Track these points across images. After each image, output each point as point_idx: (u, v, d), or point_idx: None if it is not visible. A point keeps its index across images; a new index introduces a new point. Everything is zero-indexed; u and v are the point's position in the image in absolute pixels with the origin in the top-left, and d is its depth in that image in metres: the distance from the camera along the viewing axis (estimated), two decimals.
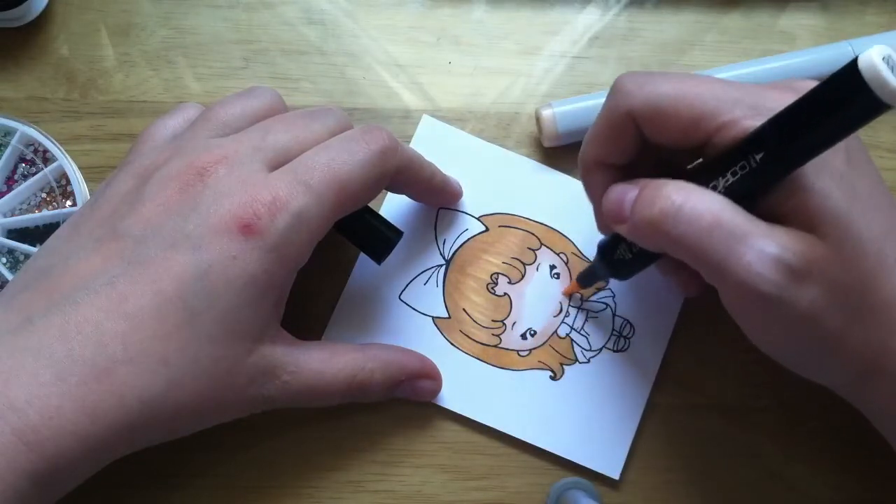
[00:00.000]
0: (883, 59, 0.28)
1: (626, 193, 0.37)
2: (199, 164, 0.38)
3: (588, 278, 0.45)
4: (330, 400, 0.41)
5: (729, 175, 0.34)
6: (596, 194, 0.40)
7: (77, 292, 0.35)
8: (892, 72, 0.28)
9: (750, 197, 0.35)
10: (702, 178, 0.36)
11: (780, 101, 0.34)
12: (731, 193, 0.35)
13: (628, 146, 0.38)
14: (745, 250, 0.33)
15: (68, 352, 0.34)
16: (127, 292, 0.35)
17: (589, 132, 0.40)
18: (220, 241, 0.36)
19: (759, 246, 0.33)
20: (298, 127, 0.40)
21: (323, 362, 0.41)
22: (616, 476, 0.45)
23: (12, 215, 0.46)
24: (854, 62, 0.28)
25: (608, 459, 0.45)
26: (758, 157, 0.33)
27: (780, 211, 0.35)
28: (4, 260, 0.45)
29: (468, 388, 0.45)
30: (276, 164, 0.39)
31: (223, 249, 0.36)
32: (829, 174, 0.34)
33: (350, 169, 0.39)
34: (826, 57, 0.48)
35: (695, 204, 0.34)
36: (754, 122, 0.34)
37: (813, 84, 0.37)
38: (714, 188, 0.35)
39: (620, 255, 0.41)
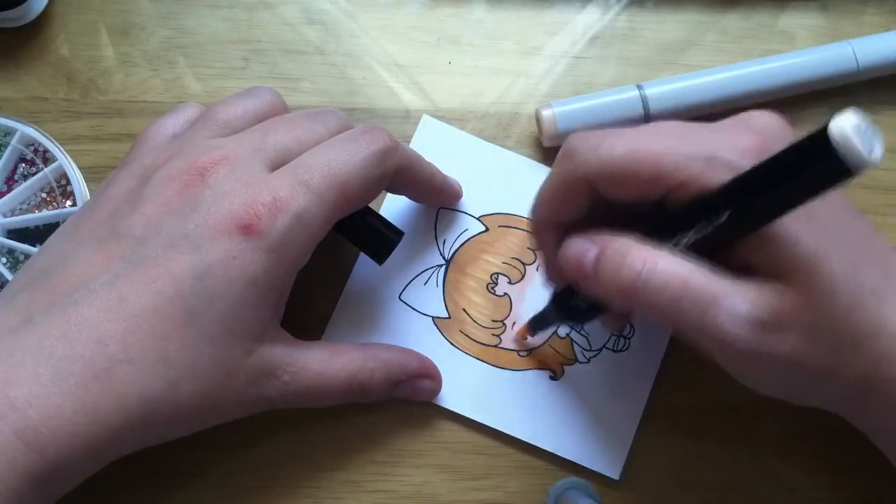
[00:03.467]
0: (853, 126, 0.27)
1: (585, 253, 0.36)
2: (199, 164, 0.38)
3: (540, 324, 0.45)
4: (330, 400, 0.41)
5: (692, 233, 0.34)
6: (547, 250, 0.41)
7: (77, 292, 0.35)
8: (863, 139, 0.27)
9: (716, 251, 0.35)
10: (664, 231, 0.35)
11: (736, 146, 0.34)
12: (696, 249, 0.34)
13: (582, 206, 0.38)
14: (717, 312, 0.33)
15: (68, 351, 0.34)
16: (127, 292, 0.35)
17: (540, 194, 0.40)
18: (220, 242, 0.36)
19: (730, 306, 0.33)
20: (300, 127, 0.40)
21: (322, 363, 0.40)
22: (616, 476, 0.45)
23: (12, 215, 0.46)
24: (824, 129, 0.28)
25: (608, 459, 0.45)
26: (723, 216, 0.33)
27: (750, 261, 0.35)
28: (4, 260, 0.45)
29: (468, 388, 0.45)
30: (277, 165, 0.39)
31: (223, 250, 0.36)
32: (795, 214, 0.33)
33: (350, 169, 0.38)
34: (826, 57, 0.48)
35: (661, 272, 0.34)
36: (714, 175, 0.34)
37: (767, 116, 0.37)
38: (676, 244, 0.35)
39: (576, 303, 0.40)
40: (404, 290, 0.46)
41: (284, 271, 0.38)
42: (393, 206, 0.47)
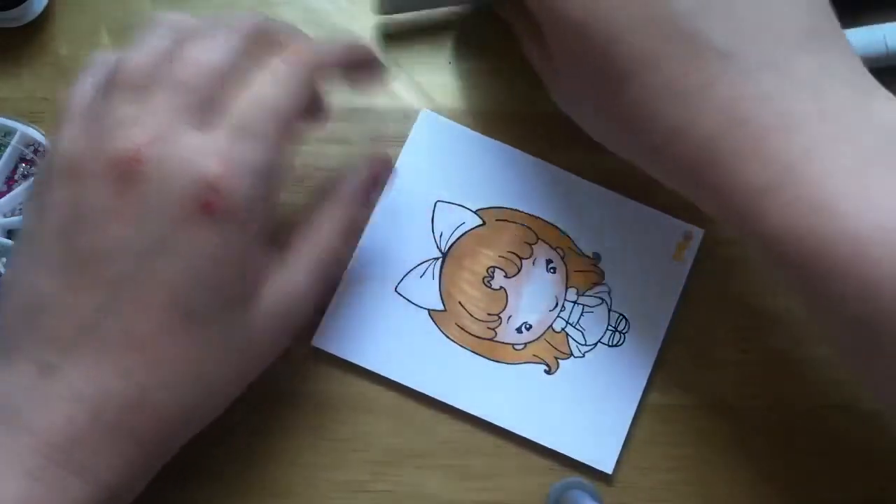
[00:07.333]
0: None
1: None
2: (124, 155, 0.34)
3: None
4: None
5: None
6: None
7: (80, 335, 0.35)
8: None
9: None
10: None
11: None
12: None
13: None
14: None
15: (97, 390, 0.34)
16: (127, 321, 0.35)
17: None
18: (188, 232, 0.35)
19: None
20: (208, 61, 0.36)
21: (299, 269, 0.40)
22: (609, 470, 0.44)
23: (12, 215, 0.46)
24: None
25: (601, 453, 0.44)
26: None
27: None
28: (4, 260, 0.46)
29: (463, 381, 0.45)
30: (204, 114, 0.36)
31: (196, 239, 0.35)
32: None
33: (285, 98, 0.37)
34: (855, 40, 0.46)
35: None
36: None
37: None
38: None
39: None
40: (400, 282, 0.46)
41: (262, 221, 0.37)
42: (389, 202, 0.47)
